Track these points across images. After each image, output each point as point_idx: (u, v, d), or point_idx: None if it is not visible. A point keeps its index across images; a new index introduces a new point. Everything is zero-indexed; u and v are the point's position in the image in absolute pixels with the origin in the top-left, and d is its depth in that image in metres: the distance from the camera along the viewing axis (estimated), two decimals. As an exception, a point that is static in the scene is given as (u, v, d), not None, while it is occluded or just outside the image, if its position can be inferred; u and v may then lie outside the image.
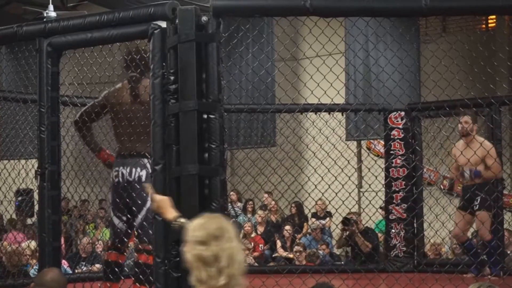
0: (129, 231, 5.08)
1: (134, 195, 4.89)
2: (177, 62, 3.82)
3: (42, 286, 3.89)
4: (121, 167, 5.00)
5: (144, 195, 4.81)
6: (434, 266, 7.57)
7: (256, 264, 9.05)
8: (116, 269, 5.10)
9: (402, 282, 6.07)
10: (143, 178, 4.89)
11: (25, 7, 12.52)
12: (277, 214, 10.58)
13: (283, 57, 8.51)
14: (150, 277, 4.69)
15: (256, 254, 9.57)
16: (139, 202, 4.89)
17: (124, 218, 5.04)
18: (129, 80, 4.96)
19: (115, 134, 5.15)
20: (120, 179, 4.99)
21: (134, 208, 4.94)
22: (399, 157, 8.26)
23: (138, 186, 4.89)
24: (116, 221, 5.08)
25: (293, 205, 10.34)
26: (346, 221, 8.62)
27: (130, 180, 4.94)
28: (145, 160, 4.89)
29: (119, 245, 5.14)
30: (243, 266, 2.61)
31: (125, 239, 5.12)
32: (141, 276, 4.79)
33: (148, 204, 4.81)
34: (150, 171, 4.86)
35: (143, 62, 4.82)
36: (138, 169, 4.93)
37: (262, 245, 9.76)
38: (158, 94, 3.89)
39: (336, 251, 9.97)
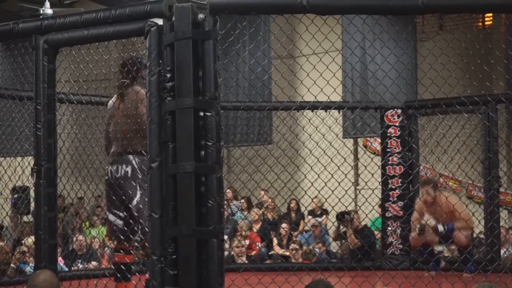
0: (125, 228, 5.15)
1: (121, 191, 5.02)
2: (174, 59, 3.81)
3: (35, 287, 3.87)
4: (110, 166, 5.19)
5: (130, 192, 4.92)
6: (431, 264, 7.59)
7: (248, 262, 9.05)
8: (123, 268, 5.17)
9: (398, 280, 6.06)
10: (129, 174, 5.05)
11: (21, 4, 12.48)
12: (273, 211, 10.58)
13: (279, 55, 8.50)
14: (127, 274, 4.93)
15: (252, 252, 9.57)
16: (125, 198, 5.02)
17: (121, 214, 5.14)
18: (119, 85, 5.14)
19: (105, 135, 5.36)
20: (109, 176, 5.17)
21: (120, 204, 5.07)
22: (396, 154, 8.27)
23: (124, 182, 5.04)
24: (112, 218, 5.19)
25: (293, 201, 10.33)
26: (339, 216, 8.61)
27: (117, 177, 5.09)
28: (130, 157, 5.06)
29: (118, 245, 5.22)
30: None
31: (122, 236, 5.17)
32: (117, 274, 4.94)
33: (135, 201, 4.92)
34: (136, 166, 4.98)
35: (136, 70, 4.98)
36: (124, 166, 5.07)
37: (258, 243, 9.76)
38: (155, 92, 3.88)
39: (333, 248, 9.97)
